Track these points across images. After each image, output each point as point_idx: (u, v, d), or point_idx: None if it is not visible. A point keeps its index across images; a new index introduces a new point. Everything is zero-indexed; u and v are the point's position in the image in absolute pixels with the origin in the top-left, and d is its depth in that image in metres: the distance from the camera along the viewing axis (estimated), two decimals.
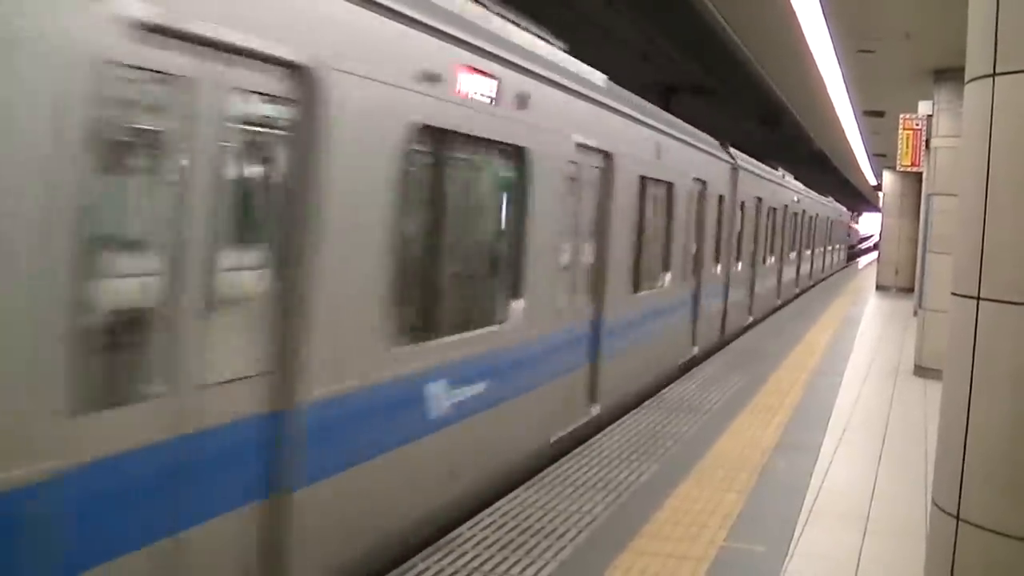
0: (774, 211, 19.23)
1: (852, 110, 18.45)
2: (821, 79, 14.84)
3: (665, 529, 5.70)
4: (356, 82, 4.48)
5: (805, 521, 5.99)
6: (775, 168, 20.45)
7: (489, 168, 6.64)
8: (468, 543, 5.30)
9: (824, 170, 36.17)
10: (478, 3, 6.16)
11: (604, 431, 8.13)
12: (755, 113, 21.73)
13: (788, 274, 22.52)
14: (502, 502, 6.06)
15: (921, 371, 11.91)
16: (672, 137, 10.60)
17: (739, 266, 15.69)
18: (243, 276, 4.10)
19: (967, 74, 3.63)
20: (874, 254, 43.93)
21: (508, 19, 6.73)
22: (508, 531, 5.53)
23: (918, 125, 16.37)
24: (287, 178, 4.21)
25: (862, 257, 57.26)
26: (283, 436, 4.09)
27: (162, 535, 3.52)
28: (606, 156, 8.31)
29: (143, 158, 3.61)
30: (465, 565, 4.99)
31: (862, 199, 57.40)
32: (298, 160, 4.21)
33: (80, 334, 3.13)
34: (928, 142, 14.00)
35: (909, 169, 17.57)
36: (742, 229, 15.71)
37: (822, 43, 12.06)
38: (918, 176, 20.81)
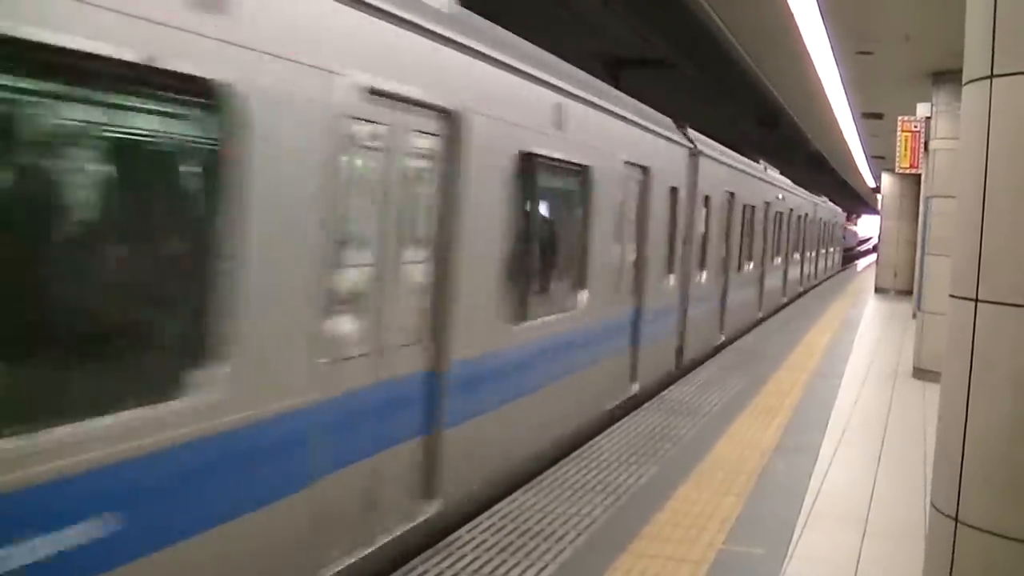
0: (753, 209, 16.71)
1: (851, 112, 18.46)
2: (819, 81, 14.85)
3: (664, 531, 5.70)
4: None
5: (804, 523, 6.00)
6: (756, 161, 18.32)
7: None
8: (467, 546, 5.31)
9: (822, 172, 36.23)
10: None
11: (594, 439, 8.14)
12: (753, 114, 21.76)
13: (772, 282, 20.23)
14: (501, 504, 6.07)
15: (920, 373, 11.91)
16: (585, 103, 7.80)
17: (703, 276, 13.01)
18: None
19: (965, 76, 3.63)
20: (871, 257, 43.97)
21: None
22: (507, 534, 5.53)
23: (916, 127, 16.37)
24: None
25: (859, 260, 57.24)
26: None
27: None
28: (443, 114, 5.42)
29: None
30: (465, 567, 4.99)
31: (861, 201, 57.46)
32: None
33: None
34: (927, 144, 14.02)
35: (908, 171, 17.56)
36: (708, 230, 13.05)
37: (820, 45, 12.06)
38: (917, 178, 20.80)
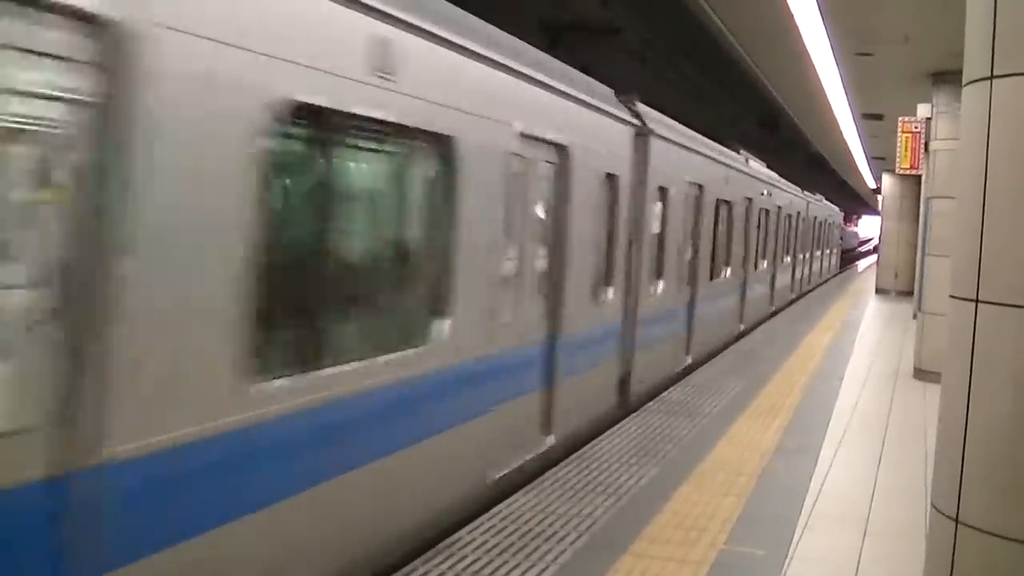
0: (730, 206, 14.46)
1: (851, 113, 18.47)
2: (819, 82, 14.86)
3: (665, 532, 5.70)
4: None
5: (805, 524, 5.99)
6: (735, 150, 15.77)
7: None
8: (468, 547, 5.30)
9: (823, 173, 36.24)
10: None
11: (603, 435, 8.14)
12: (754, 116, 21.77)
13: (757, 289, 18.01)
14: (501, 506, 6.07)
15: (921, 374, 11.91)
16: (440, 42, 5.47)
17: (660, 287, 10.68)
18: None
19: (965, 77, 3.63)
20: (872, 258, 43.78)
21: None
22: (508, 535, 5.53)
23: (917, 128, 16.37)
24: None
25: (860, 261, 57.20)
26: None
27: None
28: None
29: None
30: (465, 568, 4.99)
31: (861, 202, 57.46)
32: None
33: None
34: (927, 145, 14.01)
35: (908, 172, 17.56)
36: (666, 230, 10.74)
37: (820, 46, 12.07)
38: (917, 179, 20.80)
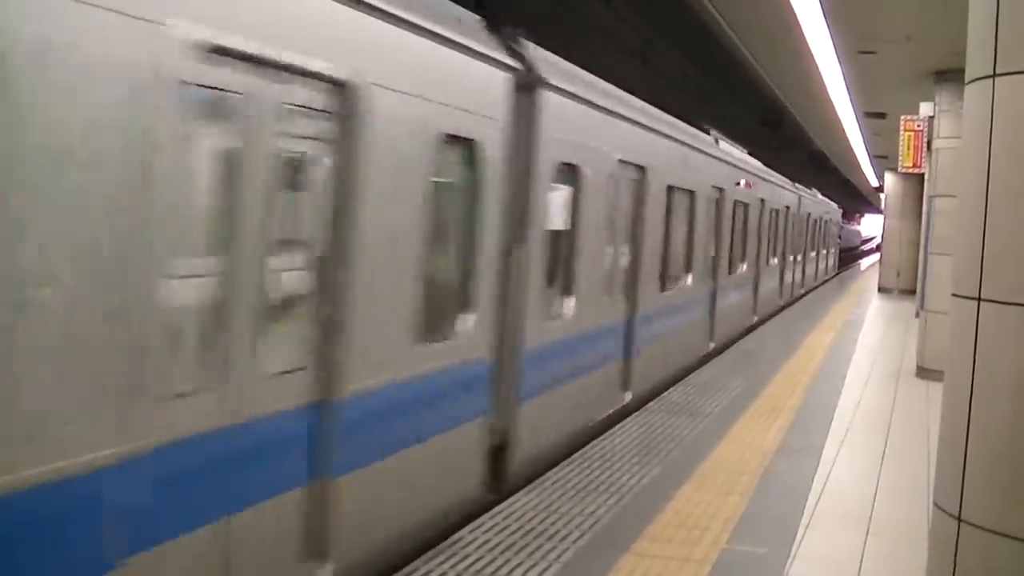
0: (691, 197, 11.58)
1: (853, 112, 18.45)
2: (822, 80, 14.85)
3: (667, 532, 5.70)
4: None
5: (807, 523, 5.99)
6: (704, 130, 13.10)
7: None
8: (470, 546, 5.30)
9: (825, 171, 36.22)
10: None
11: (603, 435, 8.14)
12: (756, 115, 21.76)
13: (731, 298, 15.01)
14: (503, 505, 6.07)
15: (923, 372, 11.90)
16: None
17: (570, 305, 7.74)
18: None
19: (967, 75, 3.63)
20: (875, 256, 43.65)
21: None
22: (510, 534, 5.53)
23: (919, 127, 16.36)
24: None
25: (863, 260, 57.16)
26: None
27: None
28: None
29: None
30: (467, 568, 4.99)
31: (864, 200, 57.42)
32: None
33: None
34: (930, 143, 14.00)
35: (911, 171, 17.57)
36: (580, 225, 7.77)
37: (823, 45, 12.07)
38: (920, 178, 20.80)
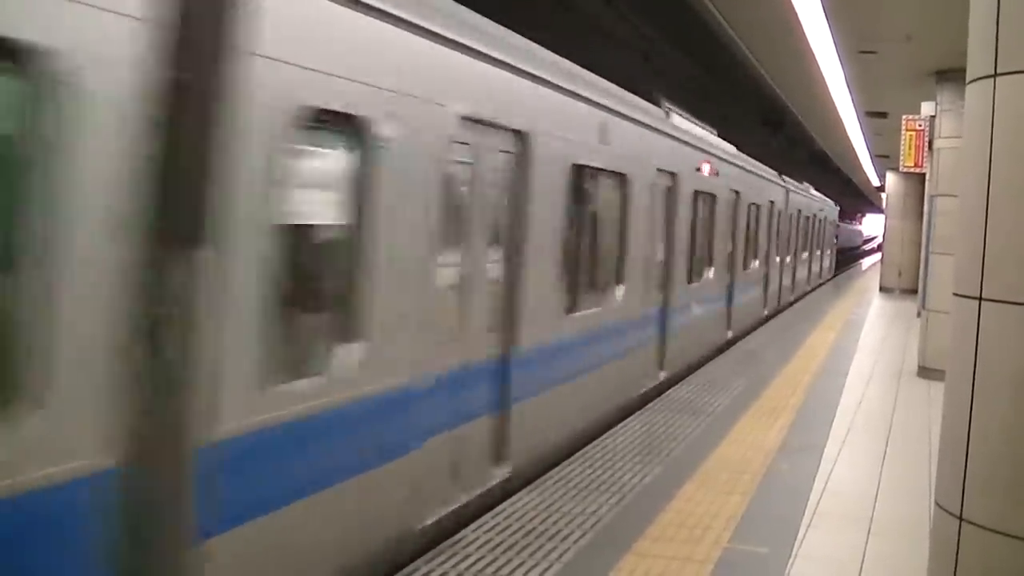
0: (623, 183, 8.79)
1: (854, 111, 18.45)
2: (823, 80, 14.85)
3: (669, 531, 5.70)
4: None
5: (809, 523, 5.99)
6: (653, 102, 10.64)
7: None
8: (472, 545, 5.31)
9: (826, 171, 36.21)
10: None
11: (605, 434, 8.14)
12: (757, 114, 21.75)
13: (706, 308, 13.09)
14: (505, 504, 6.08)
15: (925, 372, 11.90)
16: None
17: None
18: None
19: (968, 75, 3.63)
20: (876, 256, 43.61)
21: None
22: (512, 533, 5.53)
23: (921, 126, 16.36)
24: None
25: (864, 259, 57.13)
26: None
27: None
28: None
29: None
30: (469, 567, 5.00)
31: (865, 200, 57.40)
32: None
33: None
34: (931, 143, 13.99)
35: (912, 170, 17.57)
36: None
37: (824, 44, 12.07)
38: (921, 177, 20.80)
